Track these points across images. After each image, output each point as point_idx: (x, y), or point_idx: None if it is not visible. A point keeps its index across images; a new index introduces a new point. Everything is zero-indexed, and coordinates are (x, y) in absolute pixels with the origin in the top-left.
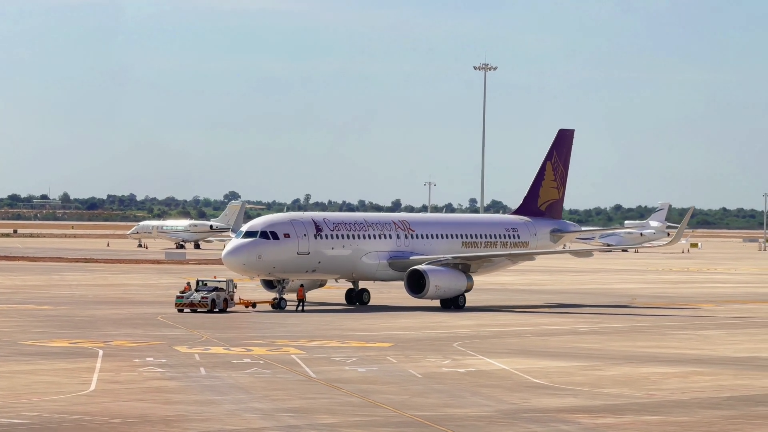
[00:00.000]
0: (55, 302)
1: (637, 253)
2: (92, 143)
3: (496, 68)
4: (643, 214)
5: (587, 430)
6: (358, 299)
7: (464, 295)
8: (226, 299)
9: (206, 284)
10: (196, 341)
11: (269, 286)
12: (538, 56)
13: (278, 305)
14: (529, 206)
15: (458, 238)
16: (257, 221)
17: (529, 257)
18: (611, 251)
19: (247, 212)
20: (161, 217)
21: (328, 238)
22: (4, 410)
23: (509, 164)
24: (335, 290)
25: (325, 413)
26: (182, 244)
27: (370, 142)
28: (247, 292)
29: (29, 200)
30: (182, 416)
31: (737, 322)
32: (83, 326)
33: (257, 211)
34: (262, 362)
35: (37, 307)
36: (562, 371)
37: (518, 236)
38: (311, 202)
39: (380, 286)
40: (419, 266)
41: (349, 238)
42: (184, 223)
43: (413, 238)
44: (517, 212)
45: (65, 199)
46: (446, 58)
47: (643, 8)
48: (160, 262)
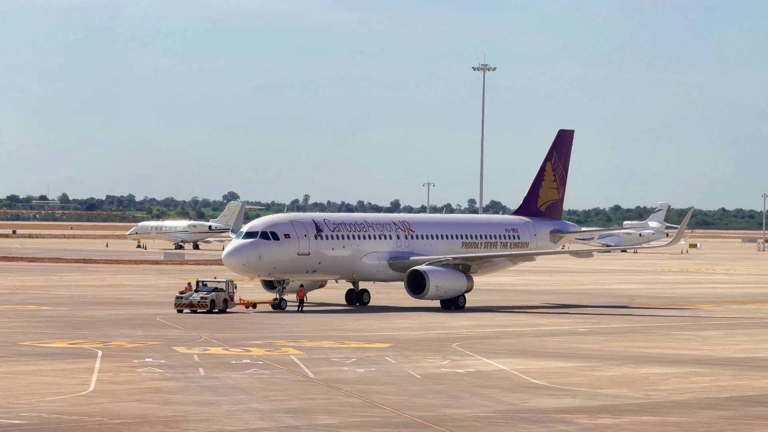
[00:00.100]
0: (54, 303)
1: (636, 253)
2: (91, 144)
3: (495, 69)
4: (642, 214)
5: (586, 430)
6: (358, 300)
7: (464, 295)
8: (225, 300)
9: (206, 285)
10: (195, 342)
11: (269, 286)
12: (537, 57)
13: (278, 306)
14: (529, 207)
15: (458, 238)
16: (257, 222)
17: (529, 258)
18: (611, 252)
19: (246, 213)
20: (160, 217)
21: (328, 238)
22: (3, 411)
23: (508, 165)
24: (335, 291)
25: (323, 414)
26: (181, 244)
27: (369, 142)
28: (246, 292)
29: (28, 201)
30: (181, 417)
31: (736, 322)
32: (82, 327)
33: (256, 211)
34: (261, 363)
35: (36, 307)
36: (561, 372)
37: (518, 237)
38: (310, 202)
39: (380, 286)
40: (419, 267)
41: (349, 238)
42: (183, 223)
43: (413, 238)
44: (517, 213)
45: (64, 199)
46: (445, 58)
47: (642, 8)
48: (159, 262)
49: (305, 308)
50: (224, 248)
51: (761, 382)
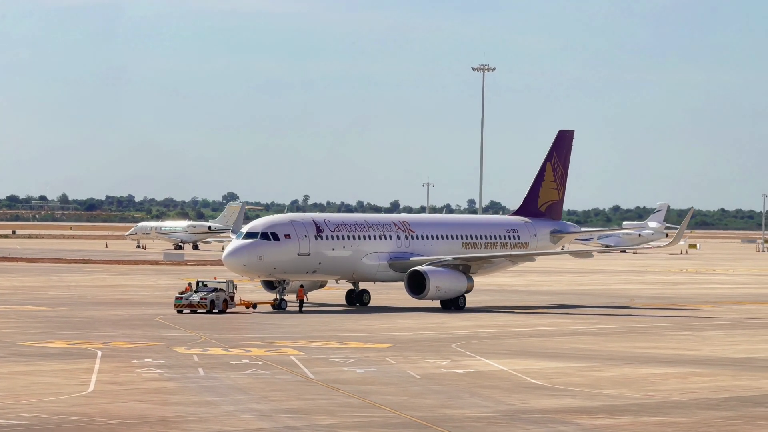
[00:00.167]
0: (53, 303)
1: (636, 253)
2: (91, 144)
3: (494, 69)
4: (641, 215)
5: (585, 430)
6: (358, 300)
7: (464, 295)
8: (225, 300)
9: (206, 285)
10: (194, 342)
11: (270, 287)
12: (537, 57)
13: (279, 306)
14: (529, 207)
15: (458, 239)
16: (258, 222)
17: (529, 258)
18: (610, 252)
19: (246, 213)
20: (160, 218)
21: (328, 239)
22: (3, 411)
23: (507, 165)
24: (336, 291)
25: (323, 414)
26: (181, 245)
27: (368, 143)
28: (247, 292)
29: (28, 201)
30: (181, 417)
31: (736, 322)
32: (82, 327)
33: (256, 212)
34: (260, 363)
35: (35, 308)
36: (560, 372)
37: (518, 237)
38: (310, 203)
39: (380, 287)
40: (420, 267)
41: (349, 239)
42: (182, 224)
43: (413, 239)
44: (517, 213)
45: (64, 200)
46: (445, 59)
47: (642, 8)
48: (158, 263)
49: (305, 308)
50: (224, 249)
51: (761, 382)
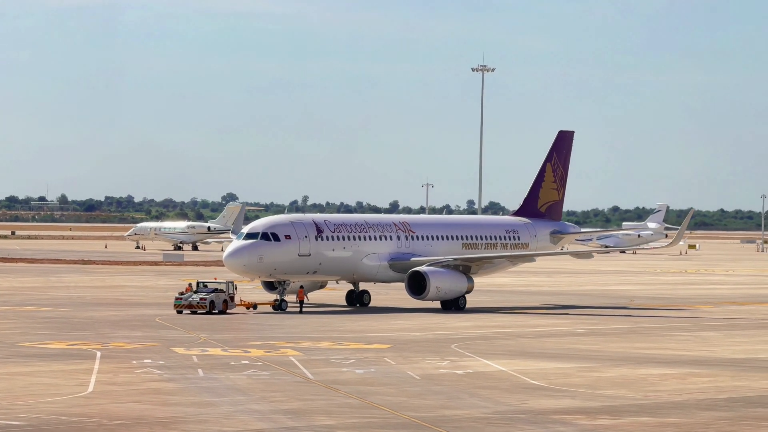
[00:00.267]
0: (53, 304)
1: (635, 254)
2: (90, 145)
3: (494, 70)
4: (641, 215)
5: (585, 431)
6: (358, 301)
7: (465, 296)
8: (225, 301)
9: (206, 285)
10: (194, 343)
11: (270, 287)
12: (537, 57)
13: (279, 307)
14: (529, 207)
15: (458, 239)
16: (258, 223)
17: (529, 259)
18: (610, 252)
19: (245, 214)
20: (159, 218)
21: (328, 239)
22: (2, 412)
23: (507, 166)
24: (336, 292)
25: (322, 415)
26: (180, 245)
27: (368, 143)
28: (247, 293)
29: (27, 202)
30: (180, 418)
31: (735, 323)
32: (81, 328)
33: (255, 212)
34: (260, 364)
35: (35, 308)
36: (559, 372)
37: (518, 238)
38: (309, 203)
39: (381, 287)
40: (420, 268)
41: (349, 239)
42: (181, 224)
43: (414, 239)
44: (517, 213)
45: (63, 200)
46: (444, 59)
47: (642, 9)
48: (157, 263)
49: (305, 309)
50: (223, 249)
51: (760, 383)
